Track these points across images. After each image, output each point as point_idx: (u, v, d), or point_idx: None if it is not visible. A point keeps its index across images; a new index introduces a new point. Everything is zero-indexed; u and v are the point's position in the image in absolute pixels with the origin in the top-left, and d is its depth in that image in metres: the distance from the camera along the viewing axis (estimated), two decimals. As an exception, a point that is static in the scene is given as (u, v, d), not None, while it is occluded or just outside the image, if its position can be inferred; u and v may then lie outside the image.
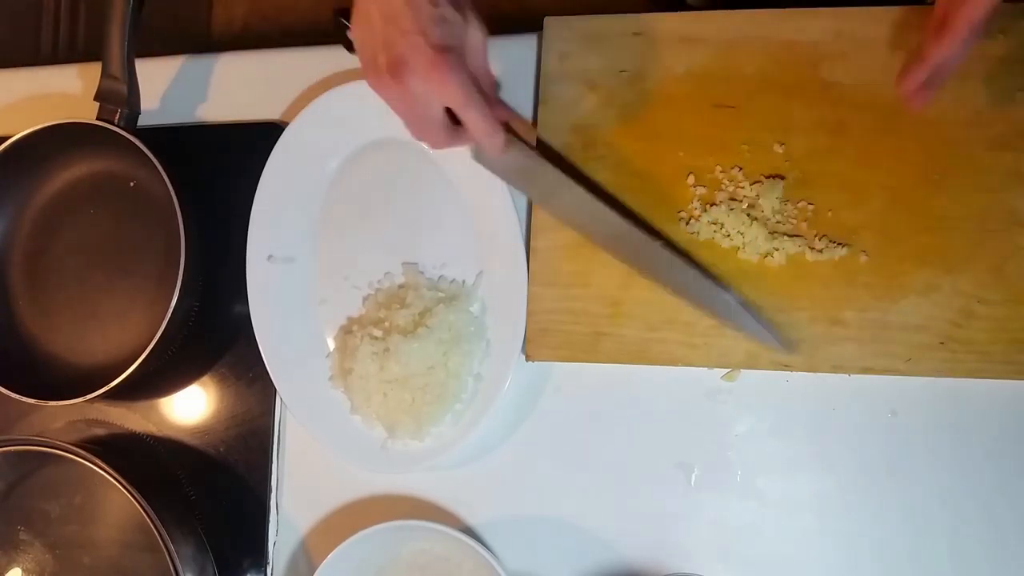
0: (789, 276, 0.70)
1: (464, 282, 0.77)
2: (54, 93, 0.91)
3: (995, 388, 0.67)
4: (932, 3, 0.61)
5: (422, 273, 0.78)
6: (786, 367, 0.70)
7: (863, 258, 0.69)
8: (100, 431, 0.84)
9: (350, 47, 0.71)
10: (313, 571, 0.72)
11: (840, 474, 0.70)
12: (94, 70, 0.81)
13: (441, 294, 0.76)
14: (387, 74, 0.60)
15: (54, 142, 0.81)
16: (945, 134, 0.69)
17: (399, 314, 0.75)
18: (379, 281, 0.79)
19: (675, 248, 0.71)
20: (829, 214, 0.70)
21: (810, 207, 0.71)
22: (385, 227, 0.79)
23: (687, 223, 0.72)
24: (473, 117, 0.62)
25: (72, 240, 0.85)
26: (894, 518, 0.69)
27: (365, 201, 0.80)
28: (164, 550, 0.71)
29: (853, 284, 0.69)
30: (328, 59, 0.83)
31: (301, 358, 0.79)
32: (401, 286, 0.78)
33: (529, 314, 0.74)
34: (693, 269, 0.70)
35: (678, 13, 0.74)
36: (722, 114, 0.72)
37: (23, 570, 0.80)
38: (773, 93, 0.72)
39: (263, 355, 0.78)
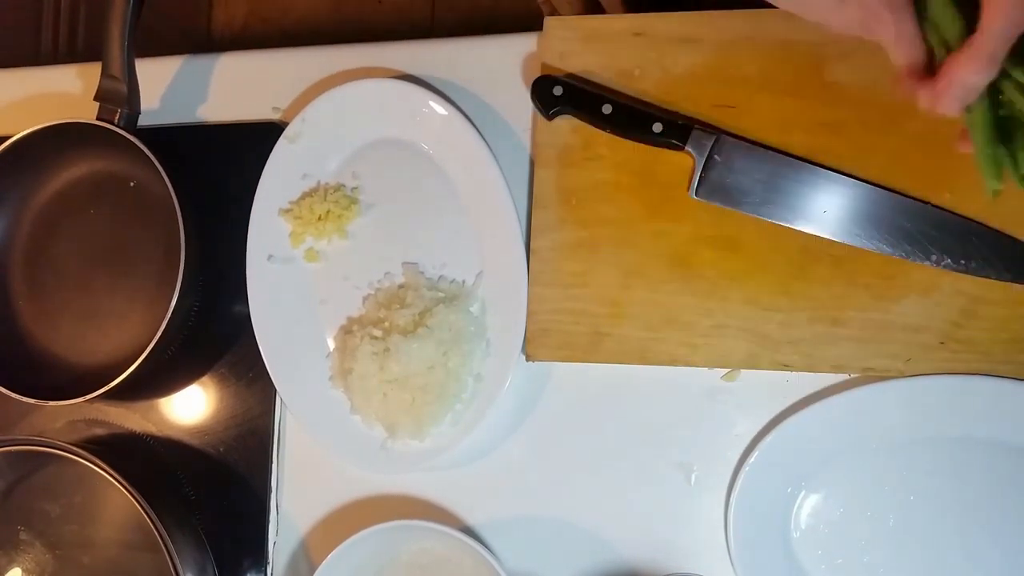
0: (789, 276, 0.70)
1: (464, 282, 0.77)
2: (54, 93, 0.91)
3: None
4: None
5: (422, 273, 0.78)
6: (786, 367, 0.70)
7: (863, 257, 0.69)
8: (100, 431, 0.84)
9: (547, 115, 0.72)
10: (313, 571, 0.72)
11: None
12: (94, 70, 0.81)
13: (441, 294, 0.76)
14: None
15: (54, 142, 0.81)
16: (945, 134, 0.69)
17: (399, 314, 0.75)
18: (379, 281, 0.79)
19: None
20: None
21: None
22: (385, 227, 0.80)
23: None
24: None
25: (72, 240, 0.85)
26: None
27: (365, 201, 0.80)
28: (164, 550, 0.71)
29: (853, 284, 0.69)
30: (328, 59, 0.83)
31: (301, 358, 0.79)
32: (401, 286, 0.78)
33: (529, 314, 0.74)
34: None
35: (678, 13, 0.74)
36: (722, 114, 0.72)
37: (23, 570, 0.80)
38: (773, 93, 0.72)
39: (263, 355, 0.78)
